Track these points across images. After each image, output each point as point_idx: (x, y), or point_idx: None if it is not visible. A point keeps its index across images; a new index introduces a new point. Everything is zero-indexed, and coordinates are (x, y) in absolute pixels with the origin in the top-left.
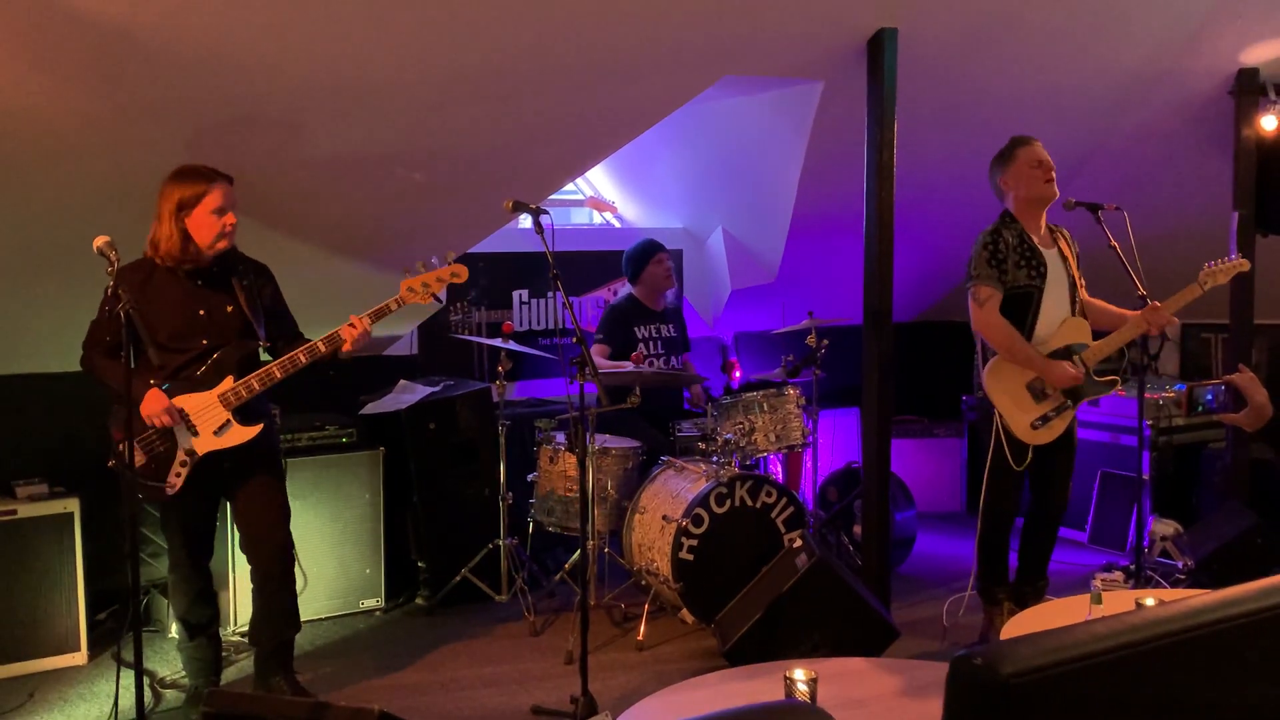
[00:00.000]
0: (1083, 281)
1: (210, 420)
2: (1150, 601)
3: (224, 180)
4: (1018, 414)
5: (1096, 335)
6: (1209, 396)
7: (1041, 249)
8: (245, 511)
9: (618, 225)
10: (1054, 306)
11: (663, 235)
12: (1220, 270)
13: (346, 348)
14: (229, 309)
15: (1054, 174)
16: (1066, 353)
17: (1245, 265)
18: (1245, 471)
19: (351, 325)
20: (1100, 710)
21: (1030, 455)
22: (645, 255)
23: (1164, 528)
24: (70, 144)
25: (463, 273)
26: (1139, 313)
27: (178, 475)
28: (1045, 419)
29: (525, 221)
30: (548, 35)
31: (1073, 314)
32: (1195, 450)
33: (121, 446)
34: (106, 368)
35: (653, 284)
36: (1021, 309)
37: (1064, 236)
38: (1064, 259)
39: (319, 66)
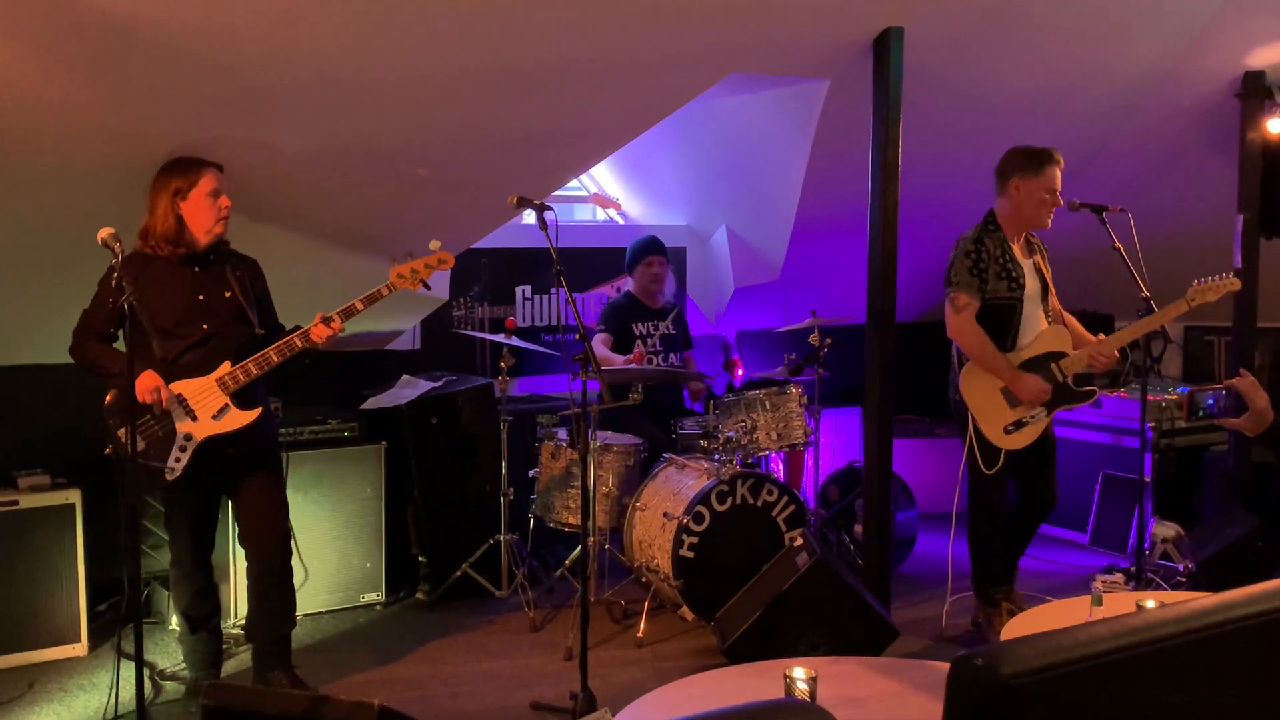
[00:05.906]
0: (1054, 290)
1: (208, 405)
2: (1151, 604)
3: (214, 167)
4: (991, 418)
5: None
6: (1210, 401)
7: (1020, 259)
8: (245, 505)
9: (621, 222)
10: (1033, 315)
11: (666, 233)
12: (1210, 288)
13: (319, 341)
14: (226, 294)
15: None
16: (1048, 359)
17: (1236, 285)
18: (1246, 475)
19: (325, 323)
20: (1100, 712)
21: (1003, 458)
22: (636, 256)
23: (1165, 530)
24: (69, 134)
25: (449, 259)
26: (1097, 338)
27: (177, 460)
28: (1019, 424)
29: (529, 217)
30: (554, 32)
31: (1050, 322)
32: (1197, 453)
33: (121, 433)
34: (101, 352)
35: (641, 285)
36: (1004, 320)
37: (1041, 249)
38: (1039, 270)
39: (323, 61)
